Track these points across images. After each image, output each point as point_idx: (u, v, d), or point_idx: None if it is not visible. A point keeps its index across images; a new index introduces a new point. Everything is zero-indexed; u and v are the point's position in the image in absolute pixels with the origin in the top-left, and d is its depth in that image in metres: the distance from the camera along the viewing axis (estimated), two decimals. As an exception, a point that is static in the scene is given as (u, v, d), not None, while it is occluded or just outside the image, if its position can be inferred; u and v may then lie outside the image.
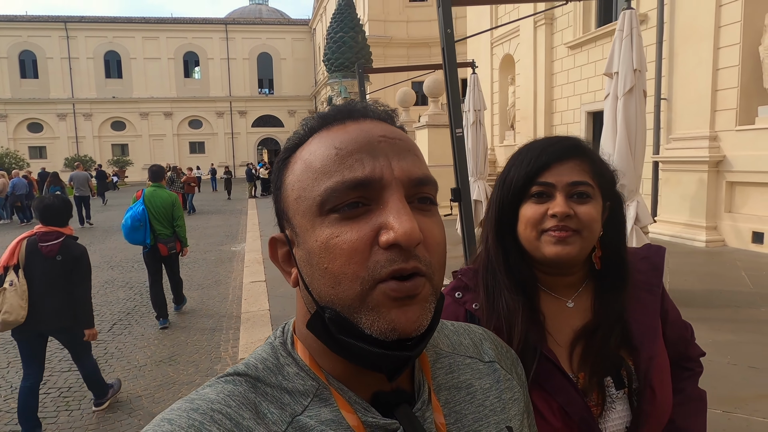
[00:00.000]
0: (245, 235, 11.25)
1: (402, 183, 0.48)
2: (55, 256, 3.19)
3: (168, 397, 3.62)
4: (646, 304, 0.95)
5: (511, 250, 0.94)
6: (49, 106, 40.47)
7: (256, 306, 5.51)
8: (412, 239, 0.44)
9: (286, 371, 0.52)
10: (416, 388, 0.55)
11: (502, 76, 15.12)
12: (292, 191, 0.50)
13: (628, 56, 5.07)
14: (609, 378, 0.89)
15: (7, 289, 3.02)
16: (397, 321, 0.46)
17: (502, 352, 0.67)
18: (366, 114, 0.52)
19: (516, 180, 0.92)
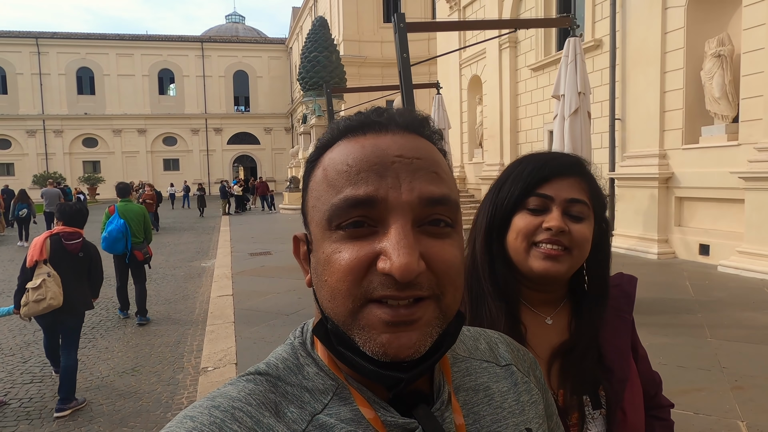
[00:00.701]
0: (216, 251, 11.29)
1: (410, 207, 0.47)
2: (78, 253, 3.91)
3: (129, 405, 3.71)
4: (617, 328, 0.96)
5: (497, 258, 0.93)
6: (17, 122, 39.71)
7: (221, 319, 5.63)
8: (407, 274, 0.44)
9: (306, 371, 0.52)
10: (435, 388, 0.55)
11: (470, 96, 15.64)
12: (311, 198, 0.51)
13: (573, 80, 5.45)
14: (586, 397, 0.89)
15: (46, 280, 3.61)
16: (389, 345, 0.45)
17: (519, 355, 0.67)
18: (389, 126, 0.50)
19: (513, 189, 0.91)
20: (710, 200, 7.94)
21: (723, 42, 7.69)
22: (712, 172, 7.75)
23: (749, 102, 7.29)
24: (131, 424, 3.44)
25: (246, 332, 5.12)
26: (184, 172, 41.46)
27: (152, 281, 8.14)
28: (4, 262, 10.84)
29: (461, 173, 16.06)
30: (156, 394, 3.91)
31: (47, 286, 3.60)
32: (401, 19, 4.81)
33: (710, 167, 7.83)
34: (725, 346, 4.22)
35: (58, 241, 3.84)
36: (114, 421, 3.49)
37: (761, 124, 7.04)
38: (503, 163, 13.64)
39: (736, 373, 3.69)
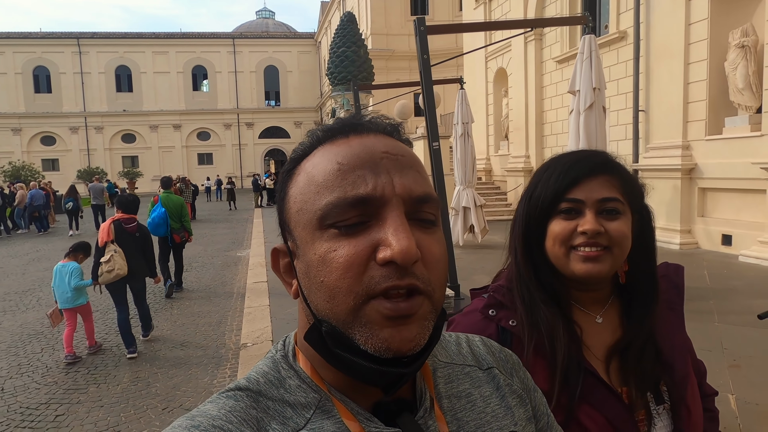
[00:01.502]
0: (250, 241, 11.88)
1: (402, 200, 0.48)
2: (135, 233, 4.98)
3: (180, 373, 4.22)
4: (672, 322, 0.94)
5: (540, 264, 0.93)
6: (61, 119, 41.51)
7: (258, 302, 6.13)
8: (408, 257, 0.44)
9: (288, 384, 0.52)
10: (418, 396, 0.55)
11: (496, 89, 15.76)
12: (295, 203, 0.50)
13: (588, 76, 5.67)
14: (649, 393, 0.88)
15: (114, 255, 4.63)
16: (391, 340, 0.45)
17: (501, 357, 0.66)
18: (370, 128, 0.52)
19: (544, 196, 0.90)
20: (733, 191, 7.99)
21: (747, 33, 7.70)
22: (736, 162, 7.80)
23: (772, 93, 7.31)
24: (183, 389, 3.94)
25: (280, 314, 5.59)
26: (218, 166, 42.65)
27: (192, 269, 8.75)
28: (58, 251, 11.71)
29: (487, 165, 16.23)
30: (203, 366, 4.41)
31: (115, 259, 4.64)
32: (422, 22, 5.12)
33: (733, 158, 7.87)
34: (730, 330, 4.43)
35: (119, 225, 4.92)
36: (168, 387, 4.00)
37: (784, 114, 7.07)
38: (528, 155, 13.78)
39: (735, 353, 3.92)
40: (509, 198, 14.52)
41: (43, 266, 9.70)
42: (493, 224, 11.90)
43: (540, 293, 0.92)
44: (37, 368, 4.50)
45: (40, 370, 4.45)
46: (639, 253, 0.93)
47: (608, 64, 10.90)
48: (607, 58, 10.92)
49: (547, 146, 13.31)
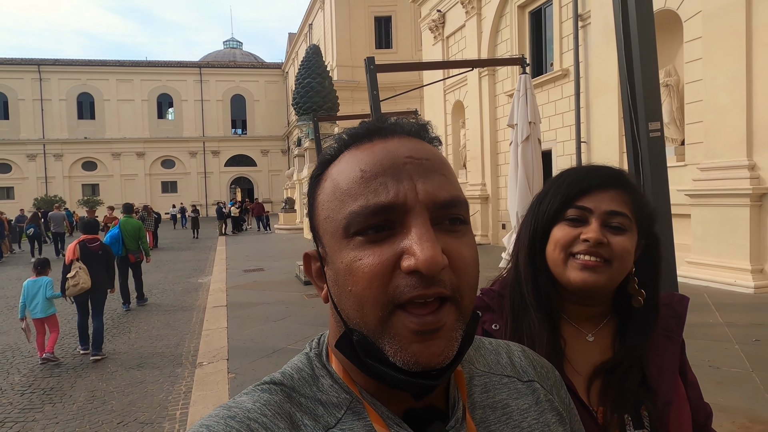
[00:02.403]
0: (212, 268, 11.95)
1: (426, 206, 0.47)
2: (98, 251, 5.72)
3: (137, 390, 4.36)
4: (665, 349, 0.92)
5: (540, 271, 0.92)
6: (18, 146, 40.48)
7: (216, 324, 6.30)
8: (433, 267, 0.44)
9: (321, 383, 0.52)
10: (450, 405, 0.54)
11: (454, 120, 16.52)
12: (322, 210, 0.51)
13: (524, 111, 6.24)
14: (627, 416, 0.87)
15: (79, 271, 5.35)
16: (420, 355, 0.45)
17: (543, 372, 0.64)
18: (394, 131, 0.52)
19: (553, 202, 0.91)
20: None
21: (670, 73, 8.55)
22: (665, 190, 8.52)
23: (692, 127, 8.12)
24: (138, 404, 4.10)
25: (237, 335, 5.79)
26: (182, 194, 42.17)
27: (152, 295, 8.81)
28: (12, 280, 11.48)
29: (447, 193, 16.83)
30: (158, 383, 4.57)
31: (80, 275, 5.36)
32: (371, 62, 5.60)
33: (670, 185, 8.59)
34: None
35: (84, 245, 5.65)
36: (123, 403, 4.14)
37: (702, 146, 7.85)
38: (484, 183, 14.44)
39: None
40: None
41: (-4, 295, 9.54)
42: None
43: (533, 300, 0.91)
44: (-9, 391, 4.56)
45: (-6, 393, 4.51)
46: (643, 279, 0.92)
47: (554, 99, 11.75)
48: (553, 93, 11.77)
49: (501, 174, 13.99)
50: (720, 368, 4.14)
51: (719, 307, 6.12)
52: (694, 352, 4.52)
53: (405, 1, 19.82)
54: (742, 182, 7.14)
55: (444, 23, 16.41)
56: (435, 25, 16.73)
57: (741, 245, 7.17)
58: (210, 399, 4.00)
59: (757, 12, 6.95)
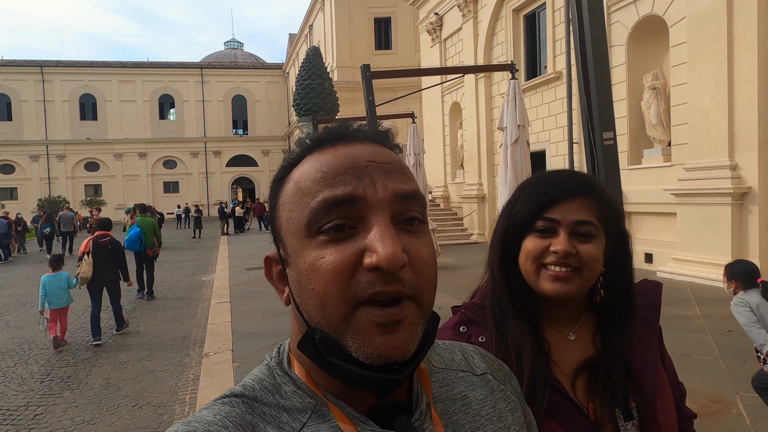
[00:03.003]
0: (215, 267, 12.27)
1: (388, 203, 0.48)
2: (108, 246, 6.42)
3: (148, 378, 4.69)
4: (646, 339, 0.95)
5: (514, 279, 0.94)
6: (21, 147, 40.76)
7: (220, 319, 6.62)
8: (394, 263, 0.45)
9: (283, 390, 0.52)
10: (414, 399, 0.55)
11: (452, 121, 16.83)
12: (284, 212, 0.52)
13: (513, 115, 6.55)
14: (617, 410, 0.89)
15: (82, 263, 6.08)
16: (383, 347, 0.46)
17: (494, 365, 0.67)
18: (356, 136, 0.52)
19: (522, 213, 0.92)
20: (652, 214, 9.00)
21: (657, 76, 8.85)
22: (653, 189, 8.83)
23: (678, 128, 8.42)
24: (150, 390, 4.43)
25: (241, 328, 6.11)
26: (184, 194, 42.48)
27: (158, 292, 9.13)
28: (20, 278, 11.81)
29: (445, 192, 17.15)
30: (168, 372, 4.89)
31: (82, 266, 6.10)
32: (367, 69, 5.91)
33: (651, 185, 8.91)
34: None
35: (96, 241, 6.37)
36: (137, 389, 4.47)
37: (687, 147, 8.15)
38: (481, 183, 14.75)
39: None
40: (465, 223, 15.41)
41: (7, 293, 9.86)
42: (450, 248, 12.70)
43: (511, 308, 0.93)
44: (13, 379, 4.88)
45: (15, 381, 4.84)
46: (615, 275, 0.95)
47: (548, 101, 12.06)
48: (546, 95, 12.08)
49: (497, 174, 14.26)
50: (690, 356, 4.45)
51: (700, 301, 6.42)
52: (669, 342, 4.82)
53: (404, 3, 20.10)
54: (724, 182, 7.44)
55: (441, 26, 16.72)
56: (432, 28, 17.04)
57: (723, 242, 7.47)
58: (216, 385, 4.32)
59: (738, 18, 7.25)
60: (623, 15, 9.36)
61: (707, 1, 7.59)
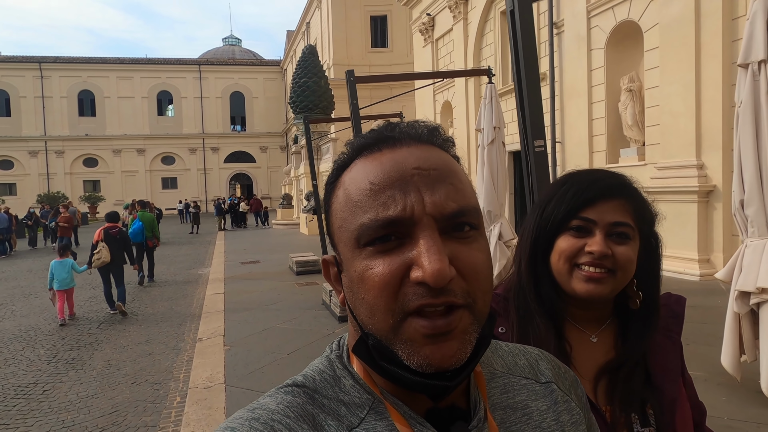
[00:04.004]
0: (211, 261, 12.69)
1: (434, 218, 0.48)
2: (117, 235, 7.53)
3: (145, 360, 5.11)
4: (667, 349, 0.95)
5: (543, 277, 0.93)
6: (20, 143, 41.04)
7: (214, 308, 7.05)
8: (439, 279, 0.45)
9: (343, 384, 0.53)
10: (471, 405, 0.54)
11: (443, 120, 17.22)
12: (336, 219, 0.52)
13: (490, 117, 6.95)
14: (634, 414, 0.89)
15: (101, 249, 7.19)
16: (432, 357, 0.46)
17: (560, 373, 0.66)
18: (402, 139, 0.52)
19: (557, 212, 0.91)
20: (628, 211, 9.42)
21: (633, 79, 9.26)
22: (628, 187, 9.24)
23: (651, 129, 8.84)
24: (148, 370, 4.85)
25: (233, 317, 6.53)
26: (182, 190, 42.84)
27: (156, 286, 9.56)
28: (23, 271, 12.22)
29: (436, 189, 17.57)
30: (164, 354, 5.31)
31: (102, 252, 7.21)
32: (351, 74, 6.32)
33: (627, 183, 9.32)
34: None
35: (106, 231, 7.48)
36: (135, 369, 4.89)
37: (659, 147, 8.57)
38: (470, 180, 15.12)
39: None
40: (455, 219, 15.86)
41: (11, 285, 10.28)
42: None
43: (536, 306, 0.92)
44: (21, 361, 5.31)
45: (24, 362, 5.26)
46: (644, 279, 0.94)
47: (533, 101, 12.46)
48: (532, 96, 12.48)
49: (486, 172, 14.71)
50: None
51: (663, 292, 6.85)
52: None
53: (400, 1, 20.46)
54: (692, 180, 7.87)
55: (433, 26, 17.10)
56: (425, 28, 17.41)
57: (690, 238, 7.91)
58: (208, 365, 4.74)
59: (705, 26, 7.65)
60: (602, 20, 9.77)
61: (677, 9, 8.00)
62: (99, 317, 7.21)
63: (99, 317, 7.21)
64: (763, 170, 3.44)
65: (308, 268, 9.60)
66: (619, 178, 0.93)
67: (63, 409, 4.06)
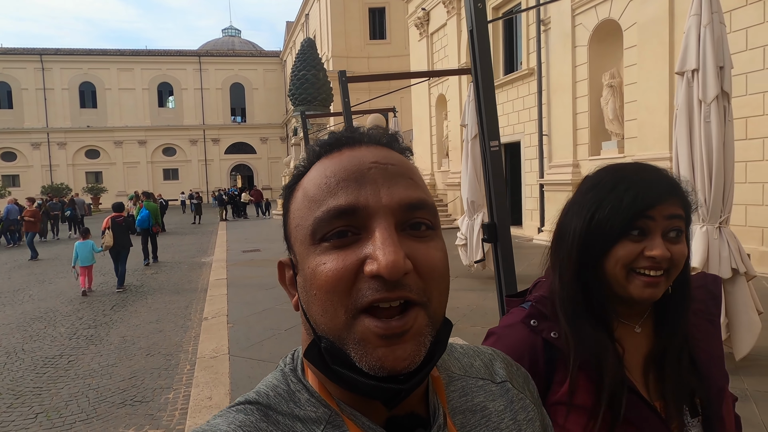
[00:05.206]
0: (214, 249, 13.24)
1: (391, 210, 0.47)
2: (122, 223, 8.93)
3: (156, 336, 5.67)
4: (709, 332, 0.93)
5: (593, 285, 0.89)
6: (23, 135, 41.40)
7: (217, 291, 7.61)
8: (395, 271, 0.44)
9: (298, 398, 0.52)
10: (431, 412, 0.54)
11: (438, 112, 17.69)
12: (293, 219, 0.52)
13: (473, 113, 7.45)
14: (685, 406, 0.87)
15: (106, 234, 8.63)
16: (385, 359, 0.45)
17: (512, 370, 0.66)
18: (363, 140, 0.52)
19: (613, 220, 0.85)
20: (608, 201, 9.93)
21: (614, 75, 9.74)
22: (609, 178, 9.75)
23: (629, 123, 9.33)
24: (161, 344, 5.41)
25: (235, 299, 7.09)
26: (183, 181, 43.28)
27: (162, 272, 10.13)
28: (36, 260, 12.79)
29: (431, 180, 18.07)
30: (174, 332, 5.88)
31: (107, 237, 8.60)
32: (343, 74, 6.80)
33: (607, 174, 9.83)
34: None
35: (113, 219, 8.81)
36: (149, 343, 5.45)
37: (636, 141, 9.07)
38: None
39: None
40: (449, 209, 16.36)
41: (26, 272, 10.86)
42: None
43: (586, 313, 0.89)
44: (45, 338, 5.88)
45: (47, 339, 5.84)
46: None
47: (523, 95, 12.93)
48: (521, 90, 12.95)
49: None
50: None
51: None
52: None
53: (395, -3, 20.82)
54: (665, 172, 8.37)
55: (428, 21, 17.50)
56: (420, 23, 17.81)
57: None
58: (214, 339, 5.31)
59: (678, 26, 8.11)
60: (585, 18, 10.21)
61: (653, 9, 8.45)
62: (111, 300, 7.78)
63: (111, 300, 7.78)
64: (695, 166, 3.96)
65: (306, 255, 10.15)
66: (670, 176, 0.90)
67: (88, 375, 4.63)
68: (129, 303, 7.54)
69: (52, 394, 4.24)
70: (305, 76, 24.02)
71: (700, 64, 3.90)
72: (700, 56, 3.92)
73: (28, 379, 4.63)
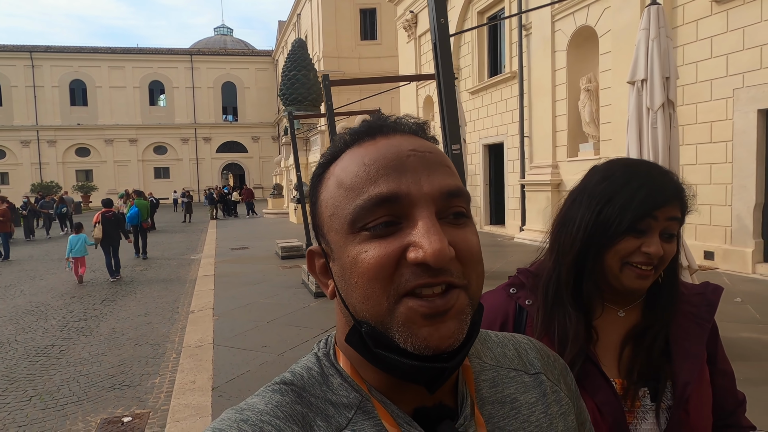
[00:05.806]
0: (203, 247, 13.48)
1: (432, 199, 0.47)
2: (111, 218, 9.67)
3: (144, 328, 5.93)
4: (693, 334, 0.96)
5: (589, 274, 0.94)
6: (12, 133, 41.19)
7: (205, 286, 7.87)
8: (441, 258, 0.44)
9: (331, 381, 0.53)
10: (459, 402, 0.54)
11: (425, 114, 18.00)
12: (326, 208, 0.51)
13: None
14: (645, 389, 0.92)
15: (95, 228, 9.38)
16: (430, 338, 0.45)
17: (548, 362, 0.65)
18: (396, 128, 0.52)
19: (623, 216, 0.89)
20: (585, 201, 10.30)
21: (590, 80, 10.10)
22: (585, 179, 10.12)
23: (604, 126, 9.70)
24: (147, 336, 5.68)
25: (222, 294, 7.36)
26: (175, 180, 43.29)
27: (151, 268, 10.35)
28: (25, 258, 12.95)
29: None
30: (160, 324, 6.15)
31: (96, 231, 9.25)
32: (326, 78, 7.10)
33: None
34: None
35: (103, 215, 9.51)
36: (138, 335, 5.71)
37: (611, 143, 9.44)
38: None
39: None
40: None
41: (16, 269, 11.04)
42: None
43: (572, 300, 0.94)
44: (37, 330, 6.12)
45: (39, 331, 6.08)
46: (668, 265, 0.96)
47: (506, 97, 13.27)
48: (505, 92, 13.29)
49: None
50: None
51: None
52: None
53: (385, -2, 21.12)
54: (636, 173, 8.74)
55: (416, 23, 17.81)
56: (408, 25, 18.12)
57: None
58: (199, 330, 5.58)
59: (649, 34, 8.47)
60: (564, 24, 10.57)
61: (626, 17, 8.81)
62: (101, 294, 8.02)
63: (101, 294, 8.02)
64: (645, 167, 4.29)
65: (292, 252, 10.43)
66: (675, 179, 0.94)
67: (79, 363, 4.90)
68: (118, 297, 7.79)
69: (45, 380, 4.50)
70: (296, 76, 24.27)
71: (648, 75, 4.24)
72: (648, 67, 4.25)
73: (21, 366, 4.88)
